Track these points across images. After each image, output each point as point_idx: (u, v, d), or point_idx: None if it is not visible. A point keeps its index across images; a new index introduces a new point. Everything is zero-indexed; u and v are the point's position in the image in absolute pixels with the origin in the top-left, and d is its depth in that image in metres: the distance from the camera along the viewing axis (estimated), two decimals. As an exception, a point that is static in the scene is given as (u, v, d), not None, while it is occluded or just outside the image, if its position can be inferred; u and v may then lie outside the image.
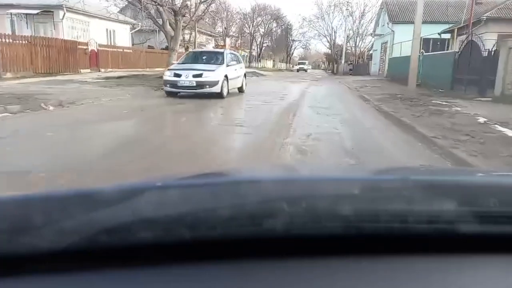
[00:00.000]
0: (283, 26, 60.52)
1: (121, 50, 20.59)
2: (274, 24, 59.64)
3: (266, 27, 58.53)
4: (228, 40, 47.12)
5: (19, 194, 0.53)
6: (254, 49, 58.48)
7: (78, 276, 0.44)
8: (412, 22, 23.49)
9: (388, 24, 25.38)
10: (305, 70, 50.90)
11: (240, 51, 52.29)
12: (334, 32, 46.55)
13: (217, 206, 0.46)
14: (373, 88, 14.58)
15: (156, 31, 29.25)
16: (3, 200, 0.49)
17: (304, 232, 0.47)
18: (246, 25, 55.67)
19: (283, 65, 67.28)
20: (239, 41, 57.94)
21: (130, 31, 24.07)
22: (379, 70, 28.58)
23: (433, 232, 0.49)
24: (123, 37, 22.74)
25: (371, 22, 40.67)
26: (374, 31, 31.74)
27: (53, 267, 0.44)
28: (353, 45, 43.35)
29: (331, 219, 0.47)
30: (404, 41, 21.64)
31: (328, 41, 48.77)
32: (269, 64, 64.89)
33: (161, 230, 0.45)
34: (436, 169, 1.29)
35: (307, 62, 61.36)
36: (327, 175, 0.71)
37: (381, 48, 28.50)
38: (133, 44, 29.31)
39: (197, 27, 31.78)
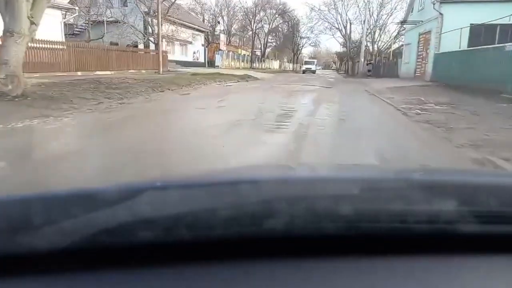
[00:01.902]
0: (289, 22, 53.18)
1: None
2: (280, 20, 52.48)
3: (271, 23, 51.43)
4: (223, 37, 39.75)
5: (19, 194, 0.52)
6: (258, 49, 51.31)
7: (78, 276, 0.44)
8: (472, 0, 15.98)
9: (434, 4, 17.39)
10: (313, 72, 42.36)
11: (240, 50, 44.74)
12: (350, 23, 38.44)
13: (217, 206, 0.46)
14: (450, 111, 7.16)
15: (118, 21, 21.93)
16: (3, 200, 0.49)
17: (304, 232, 0.47)
18: (248, 21, 48.65)
19: (290, 66, 60.10)
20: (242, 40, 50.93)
21: (63, 18, 16.96)
22: (415, 70, 19.80)
23: (433, 232, 0.49)
24: (51, 28, 14.14)
25: (390, 15, 33.10)
26: (405, 19, 23.91)
27: (53, 267, 0.44)
28: (371, 40, 35.45)
29: (331, 219, 0.47)
30: (465, 26, 14.13)
31: (341, 36, 40.67)
32: (275, 64, 58.03)
33: (161, 230, 0.45)
34: (436, 169, 1.23)
35: (315, 61, 52.51)
36: (327, 175, 0.69)
37: (419, 41, 20.57)
38: (90, 40, 22.14)
39: (177, 18, 24.45)
